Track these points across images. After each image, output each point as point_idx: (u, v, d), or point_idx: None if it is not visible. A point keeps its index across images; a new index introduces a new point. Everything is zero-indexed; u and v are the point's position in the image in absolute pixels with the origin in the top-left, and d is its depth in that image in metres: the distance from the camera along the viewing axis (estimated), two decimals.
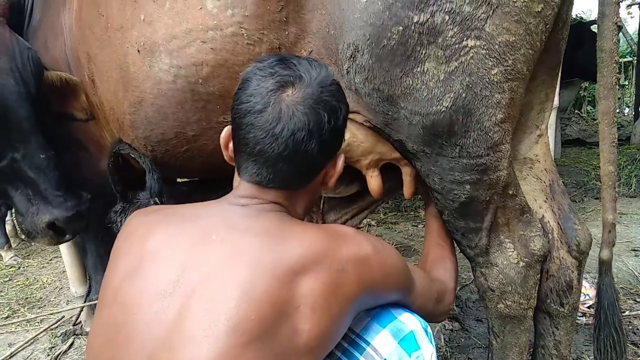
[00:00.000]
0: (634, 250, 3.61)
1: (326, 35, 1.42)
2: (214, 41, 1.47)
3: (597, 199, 5.03)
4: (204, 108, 1.60)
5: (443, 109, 1.31)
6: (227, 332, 0.86)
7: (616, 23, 1.44)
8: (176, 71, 1.54)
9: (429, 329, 1.20)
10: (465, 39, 1.23)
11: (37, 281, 3.70)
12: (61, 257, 3.55)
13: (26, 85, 1.65)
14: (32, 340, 2.79)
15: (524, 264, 1.53)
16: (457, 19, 1.22)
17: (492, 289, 1.57)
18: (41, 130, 1.69)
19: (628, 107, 12.95)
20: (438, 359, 1.97)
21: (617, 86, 1.49)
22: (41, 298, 3.40)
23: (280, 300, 0.90)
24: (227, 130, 1.15)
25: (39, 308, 3.24)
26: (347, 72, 1.40)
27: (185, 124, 1.64)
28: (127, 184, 1.94)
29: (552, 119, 3.36)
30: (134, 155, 1.80)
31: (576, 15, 11.69)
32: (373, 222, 4.60)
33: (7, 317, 3.13)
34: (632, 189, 5.27)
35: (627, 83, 12.22)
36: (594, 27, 6.25)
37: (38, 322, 3.02)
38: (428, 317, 1.26)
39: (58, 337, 2.81)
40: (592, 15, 12.88)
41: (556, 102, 3.43)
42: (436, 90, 1.30)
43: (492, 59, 1.25)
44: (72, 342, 2.74)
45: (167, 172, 1.93)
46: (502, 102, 1.31)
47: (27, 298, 3.41)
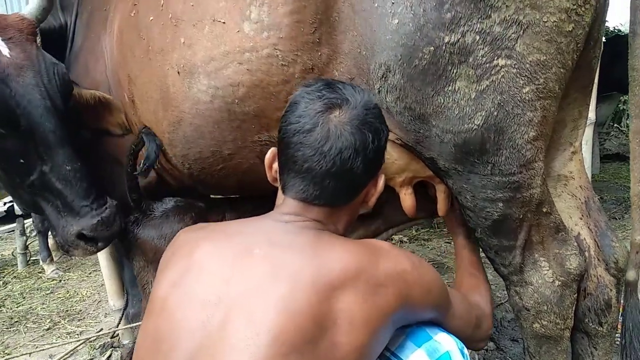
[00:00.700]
0: None
1: (358, 55, 1.45)
2: (250, 62, 1.52)
3: None
4: (239, 127, 1.64)
5: (474, 127, 1.32)
6: (268, 342, 0.90)
7: None
8: (214, 92, 1.60)
9: (466, 351, 1.20)
10: (496, 58, 1.25)
11: (77, 294, 3.81)
12: (100, 270, 3.65)
13: (52, 99, 1.70)
14: (72, 352, 2.87)
15: (559, 282, 1.51)
16: (488, 39, 1.24)
17: (527, 308, 1.55)
18: (69, 142, 1.74)
19: None
20: None
21: None
22: (81, 310, 3.49)
23: (320, 314, 0.94)
24: (272, 151, 1.21)
25: (79, 320, 3.33)
26: (379, 92, 1.42)
27: (221, 142, 1.69)
28: (143, 194, 1.99)
29: (589, 134, 3.30)
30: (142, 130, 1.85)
31: (614, 27, 11.44)
32: (405, 239, 4.57)
33: (49, 329, 3.22)
34: None
35: None
36: None
37: (78, 334, 3.10)
38: (467, 342, 1.26)
39: (97, 349, 2.88)
40: None
41: (593, 117, 3.37)
42: (467, 109, 1.31)
43: (523, 78, 1.26)
44: (110, 354, 2.81)
45: (203, 189, 1.98)
46: (534, 120, 1.31)
47: (67, 310, 3.51)
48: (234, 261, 1.03)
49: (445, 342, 1.18)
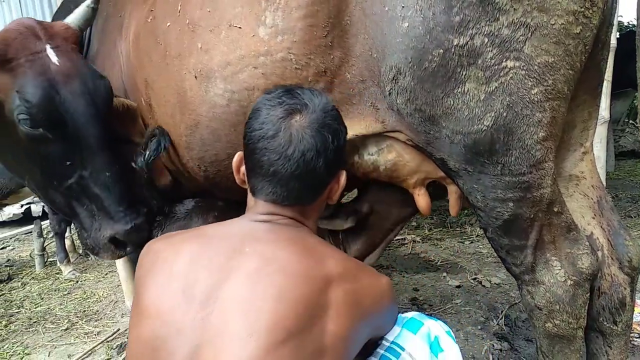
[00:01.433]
0: None
1: (369, 58, 1.47)
2: (265, 66, 1.55)
3: None
4: None
5: (484, 128, 1.34)
6: (268, 329, 0.95)
7: None
8: (230, 95, 1.63)
9: (451, 332, 1.32)
10: (504, 60, 1.26)
11: (94, 295, 3.85)
12: (116, 271, 3.70)
13: (97, 107, 1.76)
14: (89, 352, 2.91)
15: (572, 282, 1.51)
16: (496, 41, 1.25)
17: (539, 307, 1.56)
18: (109, 149, 1.79)
19: None
20: None
21: None
22: (98, 311, 3.54)
23: (312, 303, 1.01)
24: (239, 155, 1.27)
25: (96, 321, 3.37)
26: (390, 94, 1.44)
27: (236, 145, 1.72)
28: (164, 197, 2.03)
29: (603, 132, 3.28)
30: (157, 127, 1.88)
31: (628, 22, 11.31)
32: (418, 239, 4.57)
33: (66, 329, 3.27)
34: None
35: None
36: None
37: (95, 335, 3.15)
38: None
39: (114, 349, 2.92)
40: None
41: (607, 115, 3.35)
42: (477, 110, 1.33)
43: (532, 79, 1.27)
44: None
45: (219, 192, 2.01)
46: (543, 120, 1.32)
47: (84, 311, 3.56)
48: (227, 259, 1.07)
49: (433, 327, 1.29)
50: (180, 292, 1.05)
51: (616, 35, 3.59)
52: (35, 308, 3.67)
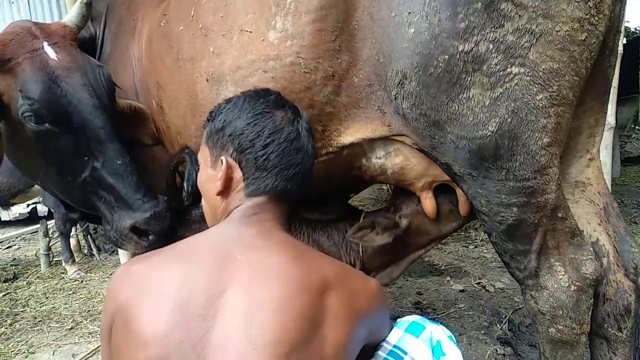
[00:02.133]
0: None
1: (376, 62, 1.48)
2: (274, 70, 1.57)
3: None
4: None
5: (489, 134, 1.34)
6: (272, 343, 0.95)
7: None
8: None
9: (453, 337, 1.32)
10: (509, 66, 1.27)
11: (99, 294, 3.88)
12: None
13: (99, 97, 1.77)
14: (94, 352, 2.93)
15: (575, 287, 1.51)
16: (501, 47, 1.26)
17: (542, 312, 1.56)
18: (117, 138, 1.80)
19: None
20: None
21: None
22: (102, 310, 3.55)
23: (312, 311, 1.01)
24: (229, 162, 1.26)
25: (100, 320, 3.39)
26: (395, 98, 1.45)
27: None
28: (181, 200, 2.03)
29: (608, 138, 3.28)
30: (184, 152, 1.88)
31: (635, 28, 11.27)
32: None
33: (71, 328, 3.30)
34: None
35: None
36: None
37: (99, 335, 3.16)
38: None
39: None
40: None
41: (613, 121, 3.35)
42: (482, 116, 1.33)
43: (536, 85, 1.28)
44: None
45: None
46: (548, 126, 1.33)
47: (89, 310, 3.58)
48: (220, 270, 1.05)
49: (435, 332, 1.29)
50: (175, 311, 1.00)
51: (622, 41, 3.59)
52: (40, 307, 3.69)
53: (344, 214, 2.07)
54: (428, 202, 1.77)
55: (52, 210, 4.82)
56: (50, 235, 4.84)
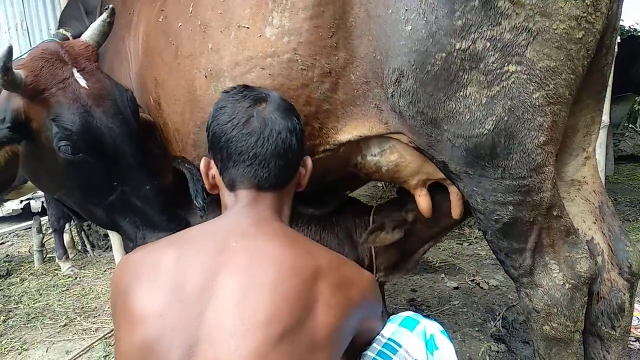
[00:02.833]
0: None
1: (373, 60, 1.48)
2: (272, 67, 1.56)
3: None
4: None
5: (485, 132, 1.34)
6: (264, 324, 0.97)
7: None
8: None
9: (446, 331, 1.34)
10: (506, 64, 1.27)
11: (92, 291, 3.86)
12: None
13: (129, 124, 1.78)
14: (87, 349, 2.92)
15: (570, 285, 1.52)
16: (498, 46, 1.26)
17: (537, 310, 1.57)
18: (145, 163, 1.82)
19: None
20: None
21: None
22: (96, 308, 3.54)
23: (304, 295, 1.03)
24: (205, 160, 1.32)
25: (94, 317, 3.38)
26: (392, 96, 1.44)
27: None
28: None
29: (602, 136, 3.29)
30: (183, 165, 1.89)
31: (629, 27, 11.31)
32: None
33: (65, 325, 3.28)
34: None
35: None
36: None
37: (93, 331, 3.15)
38: None
39: (112, 345, 2.92)
40: None
41: (607, 119, 3.36)
42: (478, 114, 1.33)
43: (533, 84, 1.28)
44: None
45: None
46: (544, 125, 1.33)
47: (83, 307, 3.56)
48: (215, 256, 1.08)
49: (428, 326, 1.31)
50: (170, 293, 1.04)
51: (617, 40, 3.60)
52: (34, 304, 3.67)
53: (339, 207, 2.08)
54: (422, 200, 1.77)
55: (45, 206, 4.80)
56: (44, 232, 4.81)
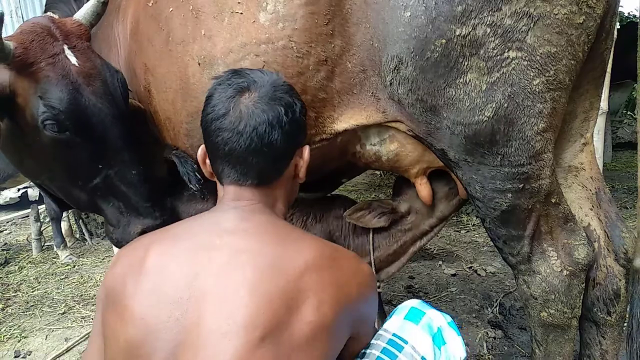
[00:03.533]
0: None
1: (370, 47, 1.46)
2: (266, 54, 1.53)
3: None
4: None
5: (485, 119, 1.34)
6: (244, 327, 0.94)
7: None
8: None
9: (454, 321, 1.28)
10: (506, 50, 1.26)
11: (91, 279, 3.86)
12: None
13: (118, 106, 1.74)
14: (86, 336, 2.93)
15: (567, 272, 1.53)
16: (499, 32, 1.25)
17: (534, 297, 1.57)
18: (133, 147, 1.78)
19: None
20: None
21: None
22: (94, 295, 3.55)
23: (287, 295, 0.98)
24: (202, 148, 1.26)
25: (93, 305, 3.38)
26: (391, 84, 1.43)
27: None
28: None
29: (600, 123, 3.29)
30: (171, 152, 1.88)
31: (628, 13, 11.25)
32: None
33: (64, 313, 3.28)
34: None
35: None
36: None
37: (92, 319, 3.16)
38: None
39: None
40: None
41: (605, 106, 3.36)
42: (478, 101, 1.33)
43: (533, 70, 1.27)
44: None
45: None
46: (544, 111, 1.33)
47: (81, 295, 3.57)
48: (196, 255, 1.06)
49: (435, 318, 1.25)
50: (151, 293, 1.02)
51: (616, 26, 3.58)
52: (32, 292, 3.68)
53: (330, 194, 2.07)
54: (423, 188, 1.77)
55: (42, 194, 4.78)
56: (42, 220, 4.80)
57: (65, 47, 1.68)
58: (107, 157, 1.73)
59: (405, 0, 1.32)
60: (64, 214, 4.60)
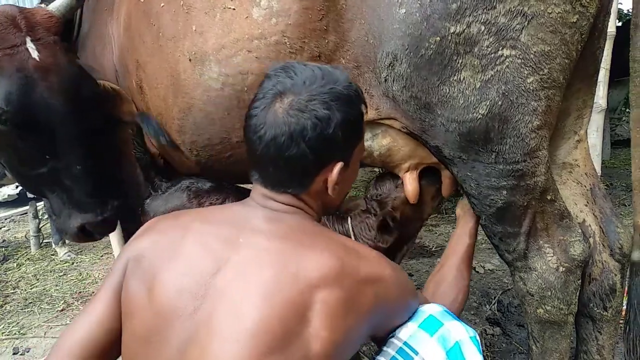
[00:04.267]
0: None
1: (365, 44, 1.46)
2: (259, 50, 1.53)
3: None
4: None
5: (479, 116, 1.34)
6: (253, 334, 0.92)
7: None
8: (224, 79, 1.61)
9: (477, 337, 1.19)
10: (500, 48, 1.26)
11: (90, 276, 3.87)
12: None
13: (74, 103, 1.71)
14: None
15: (563, 269, 1.53)
16: (493, 30, 1.25)
17: (531, 293, 1.58)
18: (83, 144, 1.77)
19: None
20: None
21: None
22: (93, 292, 3.55)
23: (301, 307, 0.95)
24: None
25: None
26: (385, 80, 1.43)
27: (230, 130, 1.71)
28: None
29: (599, 121, 3.28)
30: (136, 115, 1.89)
31: (627, 11, 11.24)
32: None
33: (62, 310, 3.29)
34: None
35: None
36: None
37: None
38: None
39: None
40: None
41: (604, 104, 3.35)
42: (472, 98, 1.33)
43: (527, 68, 1.28)
44: None
45: (210, 176, 2.01)
46: (538, 109, 1.33)
47: (80, 292, 3.58)
48: (220, 251, 1.05)
49: (455, 330, 1.17)
50: (174, 285, 1.03)
51: (616, 24, 3.57)
52: (31, 289, 3.68)
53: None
54: (410, 184, 1.72)
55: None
56: (40, 217, 4.80)
57: (28, 39, 1.65)
58: (53, 150, 1.72)
59: None
60: None
